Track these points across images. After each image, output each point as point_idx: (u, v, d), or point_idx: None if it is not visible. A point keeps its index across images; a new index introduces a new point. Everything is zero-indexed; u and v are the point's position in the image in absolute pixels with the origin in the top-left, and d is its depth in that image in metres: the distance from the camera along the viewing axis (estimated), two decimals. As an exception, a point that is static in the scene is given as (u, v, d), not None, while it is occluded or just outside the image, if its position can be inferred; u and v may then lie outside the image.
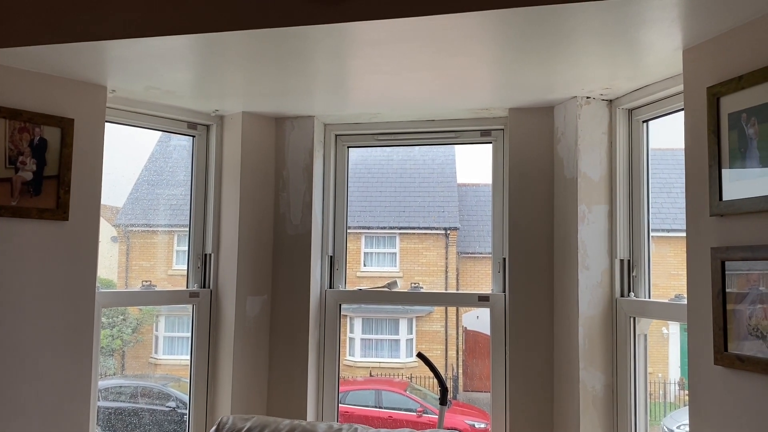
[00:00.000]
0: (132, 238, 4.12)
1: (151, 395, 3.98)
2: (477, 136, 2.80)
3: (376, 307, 5.63)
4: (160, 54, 2.06)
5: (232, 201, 2.81)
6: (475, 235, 5.40)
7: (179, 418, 3.70)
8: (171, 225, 3.98)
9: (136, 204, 3.88)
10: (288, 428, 2.19)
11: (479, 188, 5.31)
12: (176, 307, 3.90)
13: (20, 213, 2.20)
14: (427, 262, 5.39)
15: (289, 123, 2.88)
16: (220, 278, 2.84)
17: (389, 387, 5.21)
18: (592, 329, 2.44)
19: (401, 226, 5.18)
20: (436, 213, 5.20)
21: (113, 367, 4.25)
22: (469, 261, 5.52)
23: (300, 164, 2.87)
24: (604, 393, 2.44)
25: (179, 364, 4.00)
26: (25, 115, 2.21)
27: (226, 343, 2.78)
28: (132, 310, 4.04)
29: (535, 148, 2.62)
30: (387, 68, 2.16)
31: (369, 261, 5.21)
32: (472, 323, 5.81)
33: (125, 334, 4.14)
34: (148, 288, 2.72)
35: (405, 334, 5.55)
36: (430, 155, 4.24)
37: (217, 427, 2.20)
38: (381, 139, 2.92)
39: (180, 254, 3.76)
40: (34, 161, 2.23)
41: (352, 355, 5.43)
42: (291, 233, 2.85)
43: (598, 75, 2.21)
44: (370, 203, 4.64)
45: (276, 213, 2.89)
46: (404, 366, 5.53)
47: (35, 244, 2.23)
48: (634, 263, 2.46)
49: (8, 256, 2.17)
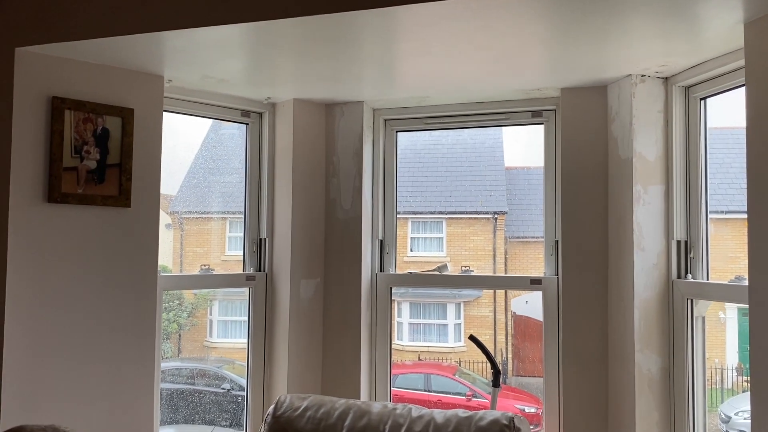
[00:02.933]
0: (186, 224, 4.24)
1: (207, 377, 4.10)
2: (528, 117, 2.77)
3: (424, 292, 5.64)
4: (214, 43, 2.12)
5: (285, 186, 2.87)
6: (523, 219, 5.34)
7: (234, 400, 3.80)
8: (223, 212, 4.08)
9: (189, 191, 3.98)
10: (343, 407, 2.23)
11: (528, 171, 5.25)
12: (230, 292, 4.00)
13: (86, 200, 2.29)
14: (475, 246, 5.37)
15: (338, 109, 2.91)
16: (275, 262, 2.90)
17: (438, 371, 5.23)
18: (648, 311, 2.40)
19: (448, 211, 5.17)
20: (484, 197, 5.17)
21: (170, 351, 4.39)
22: (517, 245, 5.47)
23: (350, 150, 2.90)
24: (660, 376, 2.41)
25: (233, 348, 4.11)
26: (88, 105, 2.30)
27: (282, 324, 2.85)
28: (187, 295, 4.16)
29: (589, 128, 2.58)
30: (436, 50, 2.15)
31: (416, 246, 5.22)
32: (521, 308, 5.77)
33: (181, 318, 4.27)
34: (207, 272, 2.81)
35: (453, 319, 5.55)
36: (480, 137, 4.21)
37: (275, 405, 2.27)
38: (430, 122, 2.92)
39: (232, 240, 3.85)
40: (98, 150, 2.32)
41: (401, 339, 5.46)
42: (342, 218, 2.90)
43: (653, 52, 2.16)
44: (418, 188, 4.65)
45: (327, 198, 2.93)
46: (453, 350, 5.53)
47: (100, 229, 2.33)
48: (692, 244, 2.41)
49: (75, 241, 2.27)
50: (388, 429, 2.14)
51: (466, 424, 2.13)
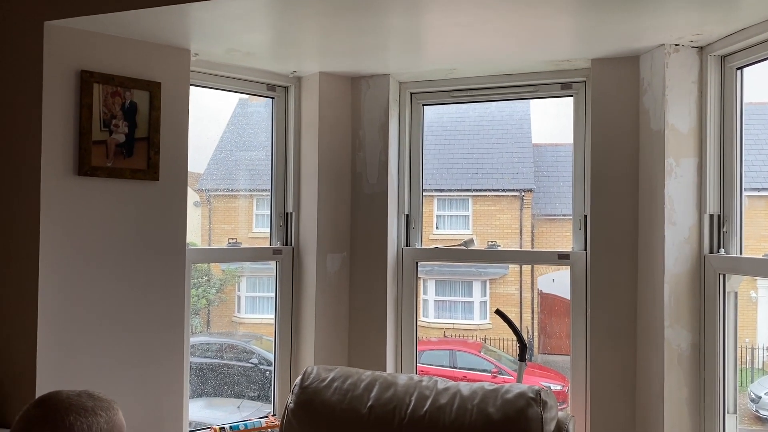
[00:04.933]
0: (214, 202, 4.28)
1: (235, 352, 4.16)
2: (557, 89, 2.72)
3: (449, 269, 5.62)
4: (239, 15, 2.11)
5: (311, 161, 2.87)
6: (550, 196, 5.28)
7: (262, 373, 3.86)
8: (251, 189, 4.10)
9: (216, 169, 4.01)
10: (370, 379, 2.25)
11: (555, 148, 5.17)
12: (257, 268, 4.04)
13: (115, 173, 2.32)
14: (501, 224, 5.32)
15: (364, 82, 2.89)
16: (302, 236, 2.92)
17: (464, 348, 5.24)
18: (679, 286, 2.36)
19: (475, 188, 5.13)
20: (511, 174, 5.11)
21: (199, 325, 4.47)
22: (544, 223, 5.41)
23: (375, 123, 2.88)
24: (690, 352, 2.37)
25: (260, 323, 4.16)
26: (116, 79, 2.31)
27: (308, 298, 2.87)
28: (216, 271, 4.22)
29: (620, 99, 2.53)
30: (463, 20, 2.12)
31: (441, 223, 5.19)
32: (547, 286, 5.73)
33: (210, 294, 4.33)
34: (234, 245, 2.84)
35: (479, 296, 5.54)
36: (507, 110, 4.16)
37: (302, 376, 2.29)
38: (456, 95, 2.89)
39: (259, 217, 3.88)
40: (126, 124, 2.35)
41: (426, 316, 5.47)
42: (368, 192, 2.89)
43: (688, 20, 2.10)
44: (443, 165, 4.61)
45: (353, 172, 2.93)
46: (478, 327, 5.53)
47: (129, 202, 2.36)
48: (725, 218, 2.35)
49: (105, 213, 2.31)
50: (414, 400, 2.15)
51: (492, 396, 2.13)
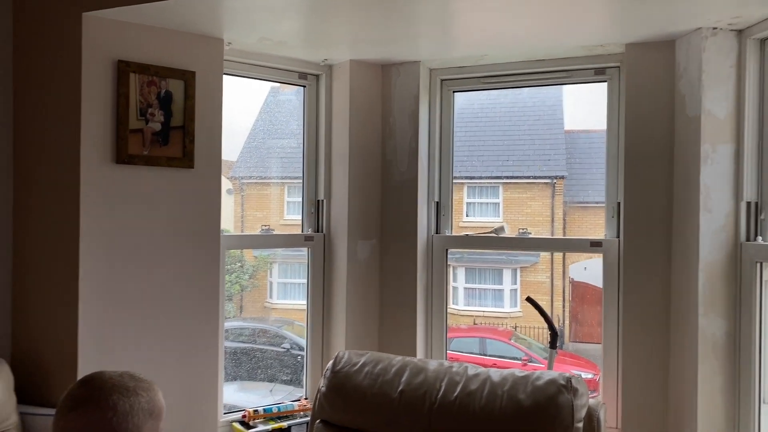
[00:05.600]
0: (246, 189, 4.34)
1: (267, 337, 4.23)
2: (590, 74, 2.69)
3: (479, 257, 5.60)
4: (271, 4, 2.13)
5: (342, 148, 2.89)
6: (583, 183, 5.21)
7: (293, 359, 3.92)
8: (282, 177, 4.14)
9: (249, 157, 4.06)
10: (400, 364, 2.27)
11: (588, 135, 5.10)
12: (289, 255, 4.09)
13: (151, 161, 2.38)
14: (532, 212, 5.28)
15: (395, 69, 2.89)
16: (332, 223, 2.95)
17: (494, 335, 5.23)
18: (714, 274, 2.33)
19: (505, 176, 5.09)
20: (542, 161, 5.06)
21: (233, 311, 4.55)
22: (576, 211, 5.35)
23: (406, 111, 2.88)
24: (725, 340, 2.34)
25: (292, 308, 4.21)
26: (152, 69, 2.36)
27: (339, 284, 2.91)
28: (248, 258, 4.28)
29: (655, 85, 2.48)
30: (494, 5, 2.10)
31: (471, 211, 5.17)
32: (579, 274, 5.67)
33: (243, 280, 4.40)
34: (267, 232, 2.88)
35: (509, 284, 5.51)
36: (539, 96, 4.11)
37: (334, 361, 2.32)
38: (487, 81, 2.87)
39: (290, 205, 3.92)
40: (162, 113, 2.39)
41: (456, 303, 5.46)
42: (398, 179, 2.90)
43: (726, 2, 2.05)
44: (474, 152, 4.58)
45: (383, 160, 2.94)
46: (508, 315, 5.51)
47: (165, 190, 2.41)
48: (763, 206, 2.30)
49: (142, 201, 2.36)
50: (444, 386, 2.16)
51: (523, 383, 2.13)
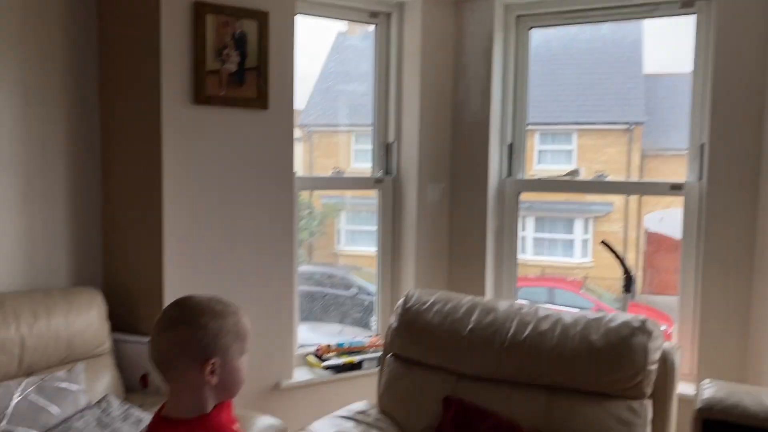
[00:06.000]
0: (314, 137, 4.39)
1: (335, 281, 4.34)
2: (676, 7, 2.53)
3: (549, 206, 5.51)
4: (345, -62, 2.09)
5: (413, 89, 2.85)
6: (662, 129, 4.99)
7: (360, 303, 4.01)
8: (350, 124, 4.16)
9: (316, 105, 4.09)
10: (470, 303, 2.28)
11: (669, 78, 4.85)
12: (357, 203, 4.14)
13: (228, 102, 2.43)
14: (608, 159, 5.10)
15: (468, 6, 2.81)
16: (402, 166, 2.94)
17: (563, 285, 5.17)
18: (807, 219, 2.20)
19: (580, 121, 4.92)
20: (620, 106, 4.86)
21: (302, 256, 4.68)
22: (654, 159, 5.14)
23: (479, 49, 2.81)
24: (815, 289, 2.23)
25: (359, 255, 4.29)
26: (226, 10, 2.38)
27: (409, 227, 2.92)
28: (317, 205, 4.37)
29: (749, 18, 2.31)
30: (578, -67, 2.00)
31: (543, 159, 5.05)
32: (655, 225, 5.49)
33: (311, 226, 4.50)
34: (338, 174, 2.92)
35: (581, 234, 5.40)
36: (620, 34, 3.92)
37: (405, 298, 2.36)
38: (566, 17, 2.74)
39: (358, 153, 3.94)
40: (237, 54, 2.43)
41: (524, 253, 5.42)
42: (469, 121, 2.85)
43: None
44: (548, 96, 4.45)
45: (455, 101, 2.89)
46: (578, 266, 5.42)
47: (241, 130, 2.46)
48: None
49: (220, 141, 2.43)
50: (515, 326, 2.16)
51: (596, 325, 2.11)
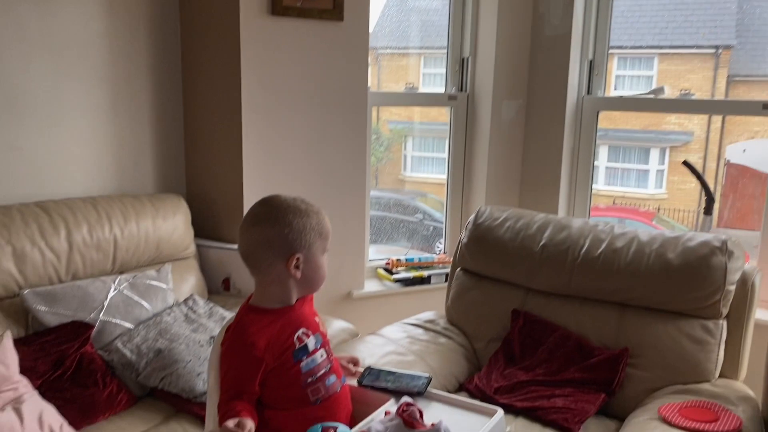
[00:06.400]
0: (382, 60, 4.33)
1: (401, 207, 4.38)
2: None
3: (624, 134, 5.32)
4: None
5: (490, 0, 2.76)
6: (753, 54, 4.67)
7: (426, 229, 4.04)
8: (420, 47, 4.08)
9: (385, 26, 4.01)
10: (543, 220, 2.26)
11: (766, -3, 4.47)
12: (424, 129, 4.11)
13: (304, 13, 2.42)
14: (691, 86, 4.84)
15: None
16: (477, 82, 2.89)
17: (635, 215, 5.05)
18: None
19: (662, 45, 4.66)
20: (708, 28, 4.56)
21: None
22: (741, 86, 4.84)
23: (563, -41, 2.67)
24: None
25: (425, 181, 4.29)
26: None
27: (481, 145, 2.89)
28: (384, 130, 4.36)
29: None
30: None
31: (621, 85, 4.84)
32: (737, 156, 5.24)
33: (378, 152, 4.52)
34: (411, 90, 2.89)
35: (656, 164, 5.22)
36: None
37: (476, 214, 2.36)
38: None
39: (426, 77, 3.88)
40: (312, -37, 2.40)
41: (596, 183, 5.30)
42: (549, 34, 2.75)
43: None
44: (628, 17, 4.22)
45: (534, 13, 2.78)
46: (652, 197, 5.27)
47: (317, 42, 2.46)
48: None
49: (296, 52, 2.44)
50: (589, 242, 2.14)
51: (673, 243, 2.06)
